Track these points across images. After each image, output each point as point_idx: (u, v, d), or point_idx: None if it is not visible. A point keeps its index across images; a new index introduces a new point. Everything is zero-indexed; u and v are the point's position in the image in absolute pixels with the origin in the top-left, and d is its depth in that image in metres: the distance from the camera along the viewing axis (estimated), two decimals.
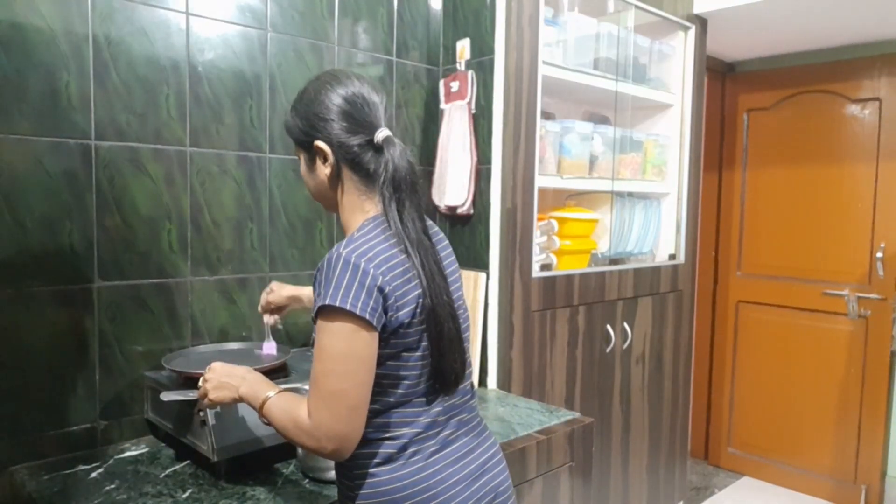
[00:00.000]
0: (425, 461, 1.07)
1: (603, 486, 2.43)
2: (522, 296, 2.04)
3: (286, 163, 1.86)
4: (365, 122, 1.09)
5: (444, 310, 1.05)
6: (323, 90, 1.10)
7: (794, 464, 3.30)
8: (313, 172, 1.15)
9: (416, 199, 1.09)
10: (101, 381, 1.55)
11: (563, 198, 2.56)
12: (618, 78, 2.37)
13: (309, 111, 1.11)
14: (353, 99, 1.09)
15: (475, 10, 2.06)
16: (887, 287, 2.96)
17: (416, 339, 1.05)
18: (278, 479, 1.38)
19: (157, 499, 1.28)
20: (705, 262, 3.53)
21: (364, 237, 1.04)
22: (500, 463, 1.20)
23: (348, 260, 1.00)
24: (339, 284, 0.98)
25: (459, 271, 1.23)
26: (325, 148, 1.10)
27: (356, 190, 1.12)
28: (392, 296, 1.01)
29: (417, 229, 1.07)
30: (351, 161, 1.10)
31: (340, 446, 1.00)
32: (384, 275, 1.00)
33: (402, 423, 1.07)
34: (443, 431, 1.11)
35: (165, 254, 1.64)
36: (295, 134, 1.14)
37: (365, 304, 0.98)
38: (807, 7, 2.55)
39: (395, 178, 1.06)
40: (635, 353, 2.51)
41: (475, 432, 1.18)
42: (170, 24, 1.61)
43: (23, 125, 1.41)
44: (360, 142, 1.09)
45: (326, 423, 0.99)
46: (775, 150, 3.33)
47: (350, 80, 1.12)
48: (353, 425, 1.00)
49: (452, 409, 1.13)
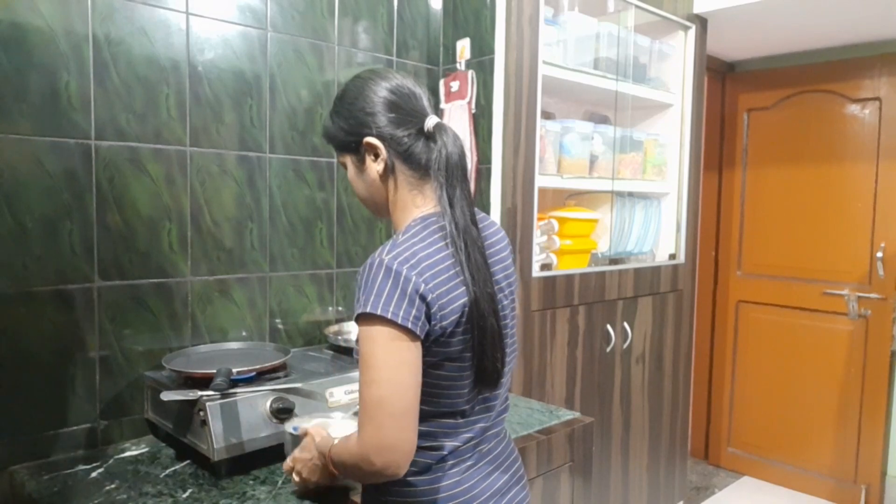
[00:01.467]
0: (462, 475, 1.06)
1: (603, 485, 2.43)
2: (522, 295, 2.04)
3: (286, 163, 1.86)
4: (413, 111, 1.07)
5: (487, 303, 1.01)
6: (366, 86, 1.08)
7: (794, 463, 3.30)
8: (364, 173, 1.10)
9: (467, 187, 1.06)
10: (101, 381, 1.55)
11: (563, 197, 2.56)
12: (618, 78, 2.36)
13: (354, 109, 1.08)
14: (398, 90, 1.07)
15: (475, 9, 2.06)
16: (887, 287, 2.96)
17: (458, 350, 1.01)
18: (278, 478, 1.38)
19: (158, 498, 1.28)
20: (705, 261, 3.53)
21: (409, 241, 1.00)
22: (522, 479, 1.19)
23: (390, 266, 0.95)
24: (381, 292, 0.94)
25: (513, 268, 1.18)
26: (377, 143, 1.06)
27: (407, 184, 1.08)
28: (435, 304, 0.96)
29: (467, 217, 1.03)
30: (403, 153, 1.06)
31: (390, 459, 0.93)
32: (427, 282, 0.96)
33: (444, 434, 1.04)
34: (480, 444, 1.09)
35: (165, 254, 1.64)
36: (340, 137, 1.10)
37: (407, 312, 0.94)
38: (807, 7, 2.55)
39: (449, 164, 1.03)
40: (635, 353, 2.51)
41: (502, 446, 1.16)
42: (170, 23, 1.61)
43: (23, 125, 1.41)
44: (410, 132, 1.06)
45: (371, 436, 0.94)
46: (775, 150, 3.32)
47: (390, 73, 1.10)
48: (401, 434, 0.94)
49: (490, 422, 1.11)
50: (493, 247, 1.14)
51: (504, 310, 1.11)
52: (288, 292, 1.88)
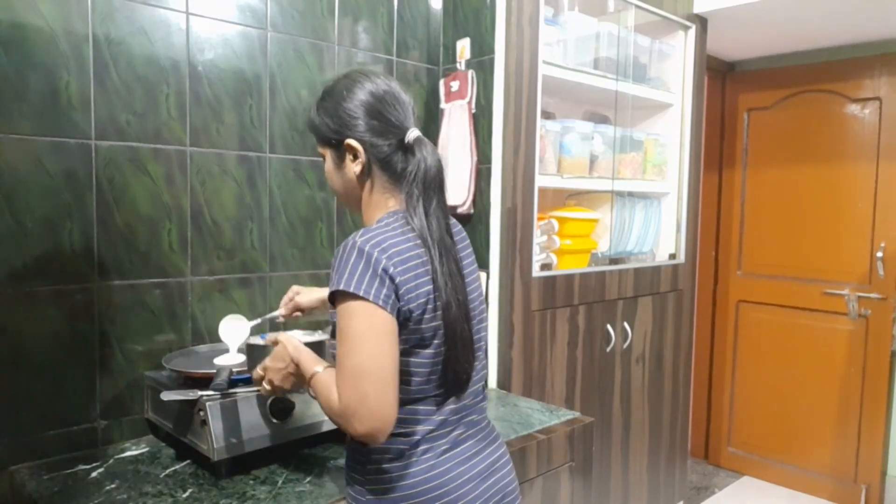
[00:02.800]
0: (436, 459, 1.08)
1: (603, 485, 2.43)
2: (522, 295, 2.04)
3: (286, 162, 1.86)
4: (396, 122, 1.09)
5: (459, 310, 1.06)
6: (353, 88, 1.10)
7: (794, 463, 3.30)
8: (341, 170, 1.14)
9: (442, 198, 1.11)
10: (101, 381, 1.55)
11: (563, 197, 2.56)
12: (618, 77, 2.36)
13: (339, 109, 1.10)
14: (383, 98, 1.09)
15: (475, 9, 2.06)
16: (887, 286, 2.96)
17: (429, 336, 1.05)
18: (278, 478, 1.38)
19: (158, 498, 1.28)
20: (705, 261, 3.53)
21: (380, 229, 1.05)
22: (507, 464, 1.21)
23: (362, 248, 1.01)
24: (354, 272, 0.99)
25: (478, 272, 1.23)
26: (357, 146, 1.09)
27: (382, 188, 1.12)
28: (403, 286, 1.01)
29: (441, 228, 1.08)
30: (381, 160, 1.10)
31: (371, 427, 0.97)
32: (396, 265, 1.01)
33: (415, 420, 1.07)
34: (454, 431, 1.12)
35: (165, 253, 1.64)
36: (323, 132, 1.13)
37: (378, 290, 0.98)
38: (807, 6, 2.55)
39: (427, 178, 1.07)
40: (635, 353, 2.51)
41: (484, 433, 1.18)
42: (170, 23, 1.61)
43: (23, 125, 1.41)
44: (391, 142, 1.09)
45: (353, 403, 0.97)
46: (776, 150, 3.32)
47: (379, 78, 1.12)
48: (381, 402, 0.97)
49: (464, 409, 1.14)
50: (463, 251, 1.18)
51: (475, 311, 1.15)
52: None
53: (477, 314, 1.17)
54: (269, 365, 1.21)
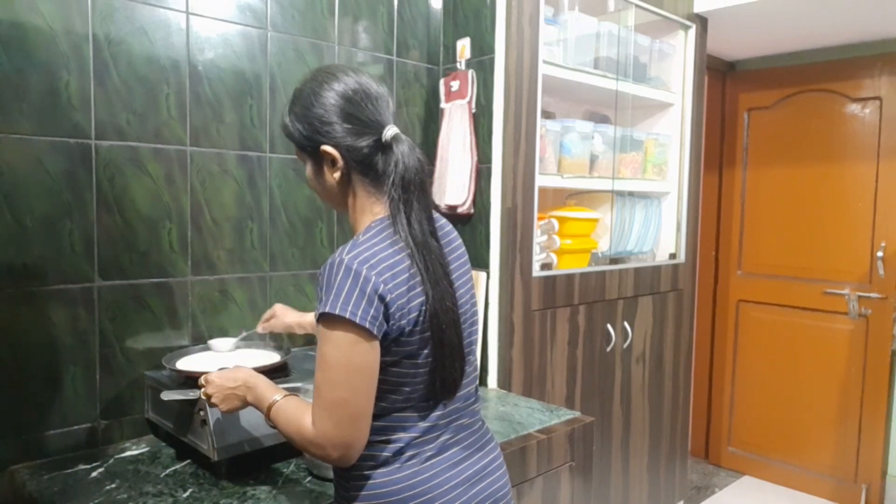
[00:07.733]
0: (420, 465, 1.06)
1: (603, 485, 2.43)
2: (523, 295, 2.04)
3: (286, 162, 1.86)
4: (370, 120, 1.04)
5: (446, 316, 1.03)
6: (321, 90, 1.05)
7: (794, 463, 3.30)
8: (321, 177, 1.10)
9: (425, 200, 1.05)
10: (101, 381, 1.55)
11: (563, 197, 2.56)
12: (618, 77, 2.36)
13: (309, 115, 1.05)
14: (354, 97, 1.04)
15: (475, 9, 2.06)
16: (888, 286, 2.96)
17: (417, 347, 1.03)
18: (278, 478, 1.38)
19: (158, 498, 1.28)
20: (706, 261, 3.53)
21: (368, 241, 1.01)
22: (499, 468, 1.18)
23: (350, 266, 0.97)
24: (340, 292, 0.96)
25: (471, 273, 1.20)
26: (333, 152, 1.05)
27: (365, 192, 1.08)
28: (394, 304, 0.98)
29: (425, 231, 1.03)
30: (360, 164, 1.06)
31: (345, 453, 1.00)
32: (386, 282, 0.98)
33: (400, 428, 1.06)
34: (442, 436, 1.09)
35: (165, 253, 1.64)
36: (297, 139, 1.08)
37: (365, 312, 0.96)
38: (807, 6, 2.55)
39: (405, 178, 1.02)
40: (636, 353, 2.51)
41: (475, 437, 1.16)
42: (170, 23, 1.61)
43: (23, 125, 1.41)
44: (368, 143, 1.04)
45: (330, 432, 0.98)
46: (776, 149, 3.32)
47: (347, 75, 1.06)
48: (357, 433, 1.00)
49: (453, 413, 1.12)
50: (453, 252, 1.15)
51: (465, 314, 1.12)
52: (288, 292, 1.88)
53: (468, 317, 1.14)
54: (216, 381, 1.22)
